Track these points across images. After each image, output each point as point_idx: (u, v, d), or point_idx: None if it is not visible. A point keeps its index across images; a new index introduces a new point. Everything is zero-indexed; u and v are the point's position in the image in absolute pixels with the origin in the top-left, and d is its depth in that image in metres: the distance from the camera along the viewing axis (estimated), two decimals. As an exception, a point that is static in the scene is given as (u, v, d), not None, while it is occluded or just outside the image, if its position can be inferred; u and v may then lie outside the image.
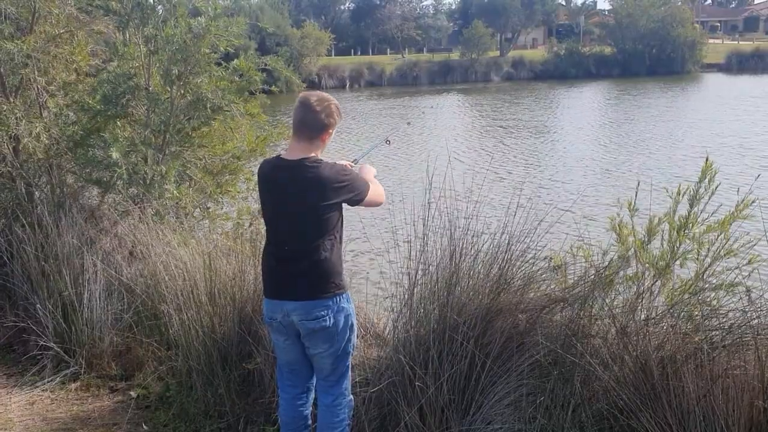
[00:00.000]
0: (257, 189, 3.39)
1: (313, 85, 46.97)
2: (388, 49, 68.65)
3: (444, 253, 3.70)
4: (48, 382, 4.56)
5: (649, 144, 20.97)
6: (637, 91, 40.49)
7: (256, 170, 3.33)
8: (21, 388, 4.55)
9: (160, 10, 5.59)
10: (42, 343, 4.66)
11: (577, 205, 12.10)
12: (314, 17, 67.80)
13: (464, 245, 3.66)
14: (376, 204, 3.29)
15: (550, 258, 3.65)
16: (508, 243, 3.58)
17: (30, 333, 4.78)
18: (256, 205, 5.64)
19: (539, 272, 3.61)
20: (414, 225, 3.87)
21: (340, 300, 3.15)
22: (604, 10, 75.42)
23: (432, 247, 3.79)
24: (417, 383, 3.45)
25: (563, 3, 78.26)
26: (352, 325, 3.25)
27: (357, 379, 3.84)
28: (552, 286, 3.63)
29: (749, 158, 17.77)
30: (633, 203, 3.54)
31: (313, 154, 3.11)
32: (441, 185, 4.13)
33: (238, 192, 6.21)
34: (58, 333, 4.70)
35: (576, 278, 3.61)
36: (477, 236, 3.70)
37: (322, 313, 3.10)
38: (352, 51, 65.34)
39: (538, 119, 29.62)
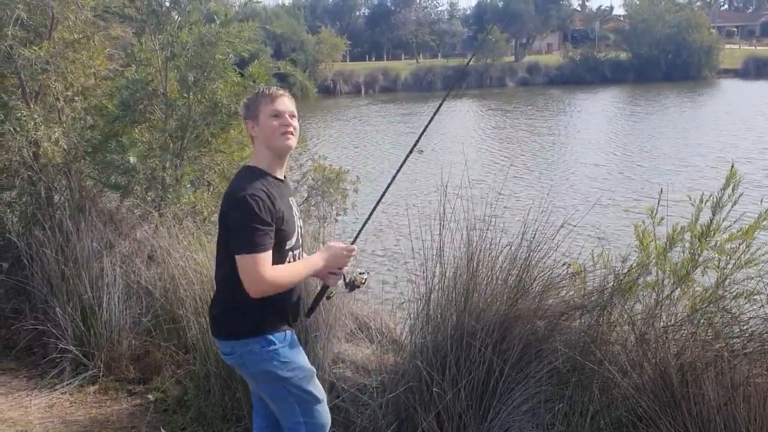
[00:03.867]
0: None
1: (327, 90, 47.16)
2: (403, 55, 68.70)
3: (461, 258, 3.70)
4: (67, 385, 4.59)
5: (667, 150, 20.84)
6: (653, 97, 40.28)
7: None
8: (41, 391, 4.58)
9: (176, 17, 5.62)
10: (61, 346, 4.69)
11: (595, 211, 12.04)
12: (330, 23, 67.99)
13: (482, 251, 3.66)
14: (254, 282, 2.57)
15: (569, 264, 3.63)
16: (527, 249, 3.57)
17: (49, 336, 4.81)
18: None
19: (558, 278, 3.60)
20: (431, 230, 3.87)
21: (248, 344, 2.71)
22: (619, 16, 75.18)
23: (449, 252, 3.79)
24: (434, 389, 3.44)
25: (578, 9, 78.07)
26: (278, 377, 2.74)
27: (374, 384, 3.84)
28: (571, 293, 3.62)
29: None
30: (655, 211, 3.52)
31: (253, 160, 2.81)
32: (458, 191, 4.13)
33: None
34: (77, 336, 4.74)
35: (595, 285, 3.60)
36: (494, 242, 3.70)
37: (227, 350, 2.77)
38: (367, 56, 65.43)
39: (553, 124, 29.55)
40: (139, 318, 4.75)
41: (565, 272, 3.60)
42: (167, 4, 5.61)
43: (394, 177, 3.09)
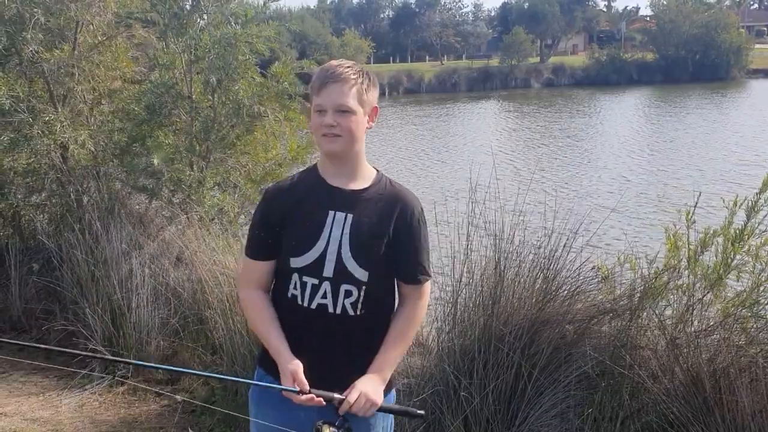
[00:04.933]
0: None
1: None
2: (427, 56, 68.68)
3: (488, 261, 3.68)
4: (96, 385, 4.64)
5: (696, 152, 20.57)
6: (681, 98, 39.84)
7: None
8: (71, 391, 4.63)
9: (197, 20, 5.66)
10: (91, 346, 4.73)
11: (625, 214, 11.90)
12: (354, 25, 68.19)
13: (509, 254, 3.63)
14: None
15: (598, 267, 3.60)
16: (555, 252, 3.54)
17: (79, 336, 4.85)
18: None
19: (586, 282, 3.56)
20: (458, 232, 3.85)
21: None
22: (645, 16, 74.51)
23: (476, 255, 3.77)
24: (462, 393, 3.42)
25: (604, 9, 77.43)
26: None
27: (400, 387, 3.83)
28: (600, 297, 3.58)
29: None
30: (691, 214, 3.47)
31: None
32: (485, 194, 4.10)
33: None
34: (107, 337, 4.78)
35: (624, 288, 3.55)
36: (522, 244, 3.67)
37: None
38: (391, 58, 65.50)
39: (580, 126, 29.32)
40: (167, 319, 4.78)
41: (593, 276, 3.56)
42: (188, 7, 5.64)
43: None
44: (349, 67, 2.13)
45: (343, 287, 2.12)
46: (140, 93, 5.49)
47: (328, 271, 2.12)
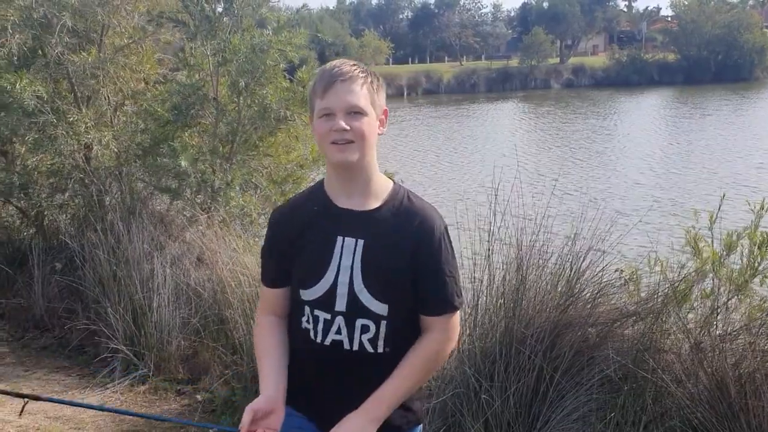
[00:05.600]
0: None
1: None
2: (446, 57, 68.60)
3: (510, 264, 3.66)
4: (118, 384, 4.66)
5: (720, 154, 20.34)
6: (703, 99, 39.46)
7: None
8: (92, 389, 4.66)
9: (228, 22, 5.69)
10: (112, 345, 4.77)
11: (649, 217, 11.77)
12: (373, 26, 68.25)
13: (531, 256, 3.61)
14: None
15: (621, 270, 3.56)
16: (578, 254, 3.51)
17: (101, 335, 4.89)
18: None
19: (610, 285, 3.53)
20: (479, 234, 3.84)
21: None
22: (667, 16, 73.89)
23: (497, 257, 3.75)
24: (483, 396, 3.41)
25: (625, 10, 76.91)
26: None
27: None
28: (623, 300, 3.54)
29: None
30: (715, 216, 3.43)
31: None
32: (507, 195, 4.08)
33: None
34: (128, 336, 4.81)
35: (648, 291, 3.52)
36: (544, 246, 3.65)
37: None
38: (410, 59, 65.49)
39: (602, 127, 29.13)
40: (188, 319, 4.80)
41: (617, 278, 3.53)
42: (220, 10, 5.67)
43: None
44: (354, 65, 1.87)
45: (359, 322, 1.87)
46: (166, 94, 5.52)
47: (341, 305, 1.87)
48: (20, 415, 3.37)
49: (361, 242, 1.87)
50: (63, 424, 4.23)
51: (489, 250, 3.71)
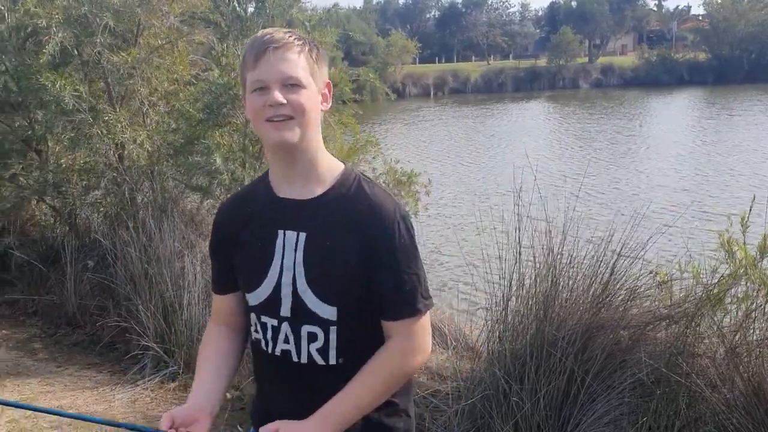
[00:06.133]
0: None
1: (396, 93, 47.34)
2: (473, 56, 68.35)
3: (541, 265, 3.63)
4: (148, 381, 4.71)
5: (749, 155, 19.99)
6: (734, 99, 38.83)
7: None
8: (123, 386, 4.71)
9: (259, 22, 5.72)
10: (143, 343, 4.82)
11: (684, 219, 11.61)
12: (400, 25, 68.23)
13: (563, 257, 3.58)
14: None
15: (655, 273, 3.52)
16: (611, 256, 3.47)
17: (132, 333, 4.95)
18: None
19: (643, 287, 3.49)
20: (508, 235, 3.81)
21: None
22: (698, 15, 72.86)
23: (527, 258, 3.72)
24: (513, 398, 3.38)
25: (654, 9, 75.98)
26: None
27: (449, 390, 3.81)
28: (656, 303, 3.50)
29: None
30: (746, 218, 3.37)
31: None
32: (533, 196, 4.05)
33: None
34: (159, 334, 4.85)
35: (682, 294, 3.47)
36: (576, 248, 3.62)
37: None
38: (437, 59, 65.35)
39: (631, 127, 28.77)
40: (218, 317, 4.83)
41: (651, 281, 3.49)
42: (251, 10, 5.71)
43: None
44: (288, 32, 1.62)
45: (305, 329, 1.64)
46: (198, 93, 5.57)
47: (285, 309, 1.65)
48: None
49: (303, 235, 1.63)
50: (95, 420, 4.28)
51: (518, 251, 3.68)
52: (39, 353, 5.35)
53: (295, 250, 1.63)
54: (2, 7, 5.80)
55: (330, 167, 1.68)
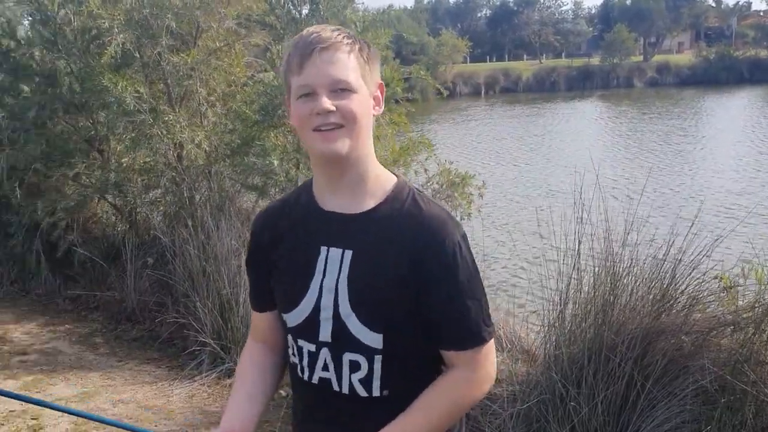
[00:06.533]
0: None
1: (447, 92, 47.12)
2: (525, 55, 67.69)
3: (600, 268, 3.57)
4: (205, 376, 4.79)
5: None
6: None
7: None
8: (181, 381, 4.81)
9: (314, 24, 5.77)
10: (200, 339, 4.90)
11: (749, 222, 11.28)
12: (451, 24, 68.00)
13: (622, 260, 3.51)
14: None
15: (720, 277, 3.43)
16: (672, 260, 3.39)
17: (189, 329, 5.05)
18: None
19: (706, 292, 3.40)
20: (566, 237, 3.76)
21: None
22: (759, 11, 70.73)
23: (585, 260, 3.67)
24: (571, 403, 3.34)
25: (713, 5, 74.00)
26: None
27: (504, 394, 3.78)
28: (720, 308, 3.41)
29: None
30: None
31: None
32: (593, 196, 3.98)
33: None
34: (216, 330, 4.93)
35: (747, 301, 3.37)
36: (637, 251, 3.55)
37: None
38: (488, 57, 64.92)
39: (689, 127, 28.05)
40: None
41: (715, 286, 3.40)
42: (305, 12, 5.77)
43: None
44: (336, 30, 1.47)
45: (347, 357, 1.48)
46: (254, 95, 5.65)
47: (325, 334, 1.49)
48: None
49: (348, 253, 1.47)
50: (154, 414, 4.38)
51: (577, 253, 3.63)
52: (100, 348, 5.51)
53: (339, 270, 1.47)
54: (68, 11, 5.99)
55: (381, 179, 1.52)
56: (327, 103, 1.40)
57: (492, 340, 1.51)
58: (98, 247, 6.44)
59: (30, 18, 6.56)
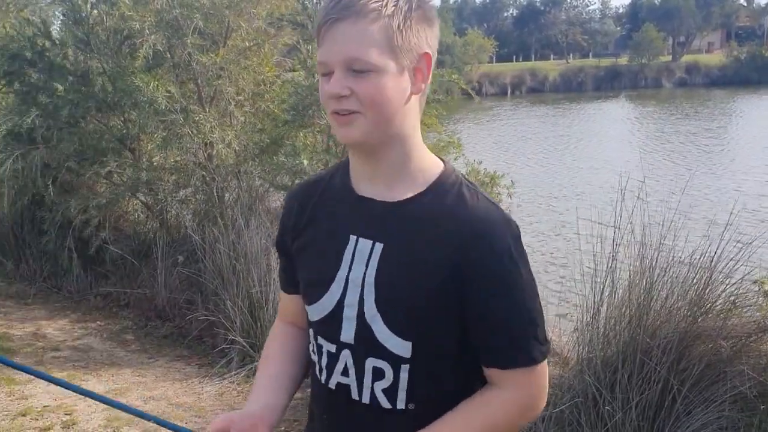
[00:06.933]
0: None
1: (475, 93, 46.90)
2: (552, 55, 67.26)
3: (635, 270, 3.53)
4: (235, 374, 4.81)
5: None
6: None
7: None
8: (211, 379, 4.83)
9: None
10: (230, 337, 4.92)
11: (759, 228, 11.07)
12: (477, 24, 67.78)
13: (659, 263, 3.47)
14: None
15: (761, 282, 3.37)
16: (710, 263, 3.34)
17: (219, 327, 5.07)
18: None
19: (744, 297, 3.34)
20: (601, 240, 3.72)
21: None
22: (792, 10, 69.54)
23: (620, 262, 3.62)
24: (605, 407, 3.30)
25: (744, 4, 72.91)
26: None
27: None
28: (759, 313, 3.35)
29: None
30: None
31: None
32: (624, 197, 3.92)
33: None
34: (245, 328, 4.95)
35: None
36: (673, 253, 3.50)
37: None
38: (514, 57, 64.60)
39: (721, 127, 27.64)
40: (302, 314, 4.89)
41: (754, 290, 3.34)
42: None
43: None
44: None
45: (370, 363, 1.29)
46: (285, 95, 5.66)
47: (347, 334, 1.30)
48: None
49: (378, 246, 1.28)
50: (184, 412, 4.40)
51: (613, 255, 3.58)
52: (131, 344, 5.55)
53: (367, 264, 1.28)
54: (100, 11, 6.06)
55: (424, 166, 1.31)
56: (337, 86, 1.20)
57: (545, 362, 1.28)
58: (129, 244, 6.49)
59: (63, 17, 6.65)
